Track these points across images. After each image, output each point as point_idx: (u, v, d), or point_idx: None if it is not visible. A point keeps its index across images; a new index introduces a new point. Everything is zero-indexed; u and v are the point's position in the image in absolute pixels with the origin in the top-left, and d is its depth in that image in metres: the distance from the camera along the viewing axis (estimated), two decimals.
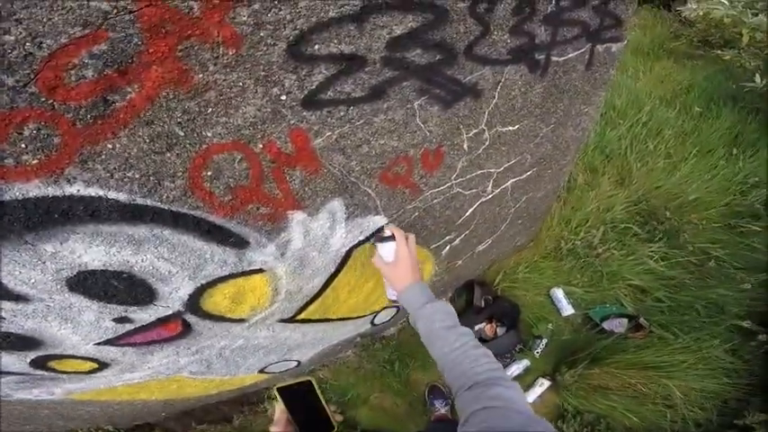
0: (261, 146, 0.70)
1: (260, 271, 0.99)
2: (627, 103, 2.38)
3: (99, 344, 0.94)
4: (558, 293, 2.09)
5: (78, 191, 0.58)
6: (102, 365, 1.06)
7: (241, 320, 1.17)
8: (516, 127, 1.13)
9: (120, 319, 0.90)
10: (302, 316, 1.38)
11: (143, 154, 0.59)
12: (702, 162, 2.23)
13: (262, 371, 1.76)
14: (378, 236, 0.96)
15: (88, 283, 0.75)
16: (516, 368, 1.94)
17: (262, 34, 0.56)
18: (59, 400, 1.22)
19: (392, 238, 0.95)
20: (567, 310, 2.06)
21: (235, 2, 0.50)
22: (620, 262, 2.08)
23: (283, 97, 0.66)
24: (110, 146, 0.55)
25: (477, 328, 2.04)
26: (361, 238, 1.13)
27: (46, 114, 0.47)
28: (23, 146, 0.49)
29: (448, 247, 1.56)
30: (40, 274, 0.68)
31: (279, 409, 0.76)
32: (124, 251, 0.72)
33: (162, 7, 0.46)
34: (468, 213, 1.42)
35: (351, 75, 0.70)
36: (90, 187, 0.58)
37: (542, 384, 1.89)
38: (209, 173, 0.68)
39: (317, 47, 0.62)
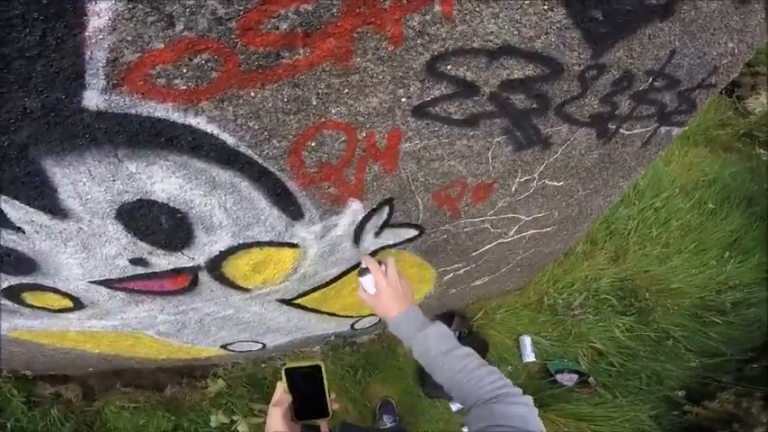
0: (364, 134, 0.76)
1: (294, 246, 1.02)
2: (649, 185, 2.59)
3: (95, 282, 0.94)
4: (527, 341, 2.27)
5: (198, 123, 0.61)
6: (78, 306, 1.05)
7: (246, 290, 1.19)
8: (561, 183, 1.24)
9: (137, 261, 0.91)
10: (300, 301, 1.41)
11: (273, 110, 0.63)
12: (695, 258, 2.51)
13: (224, 346, 1.75)
14: (359, 269, 0.95)
15: (138, 214, 0.77)
16: None
17: (418, 41, 0.62)
18: (5, 337, 1.18)
19: (368, 270, 0.93)
20: (530, 357, 2.24)
21: (415, 7, 0.57)
22: (589, 326, 2.31)
23: (403, 99, 0.72)
24: (252, 94, 0.59)
25: None
26: (390, 242, 1.18)
27: (224, 50, 0.51)
28: (184, 71, 0.53)
29: (452, 275, 1.64)
30: (101, 193, 0.69)
31: (281, 389, 0.78)
32: (197, 190, 0.74)
33: None
34: (483, 249, 1.51)
35: (460, 98, 0.77)
36: (210, 124, 0.62)
37: None
38: (312, 144, 0.73)
39: (449, 67, 0.69)
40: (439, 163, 0.93)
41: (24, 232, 0.73)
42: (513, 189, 1.17)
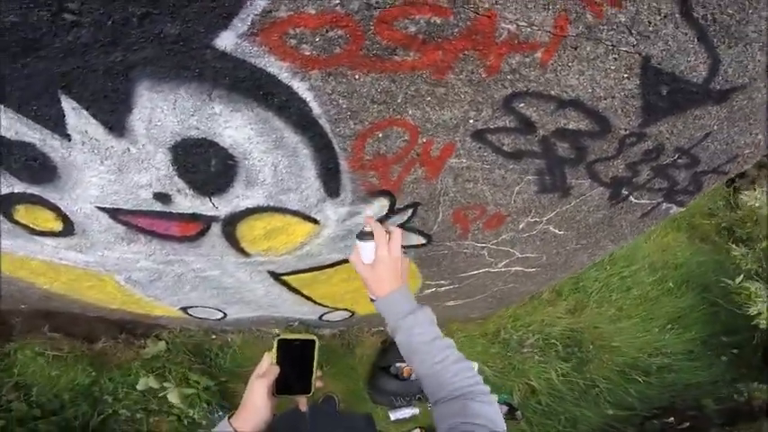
0: (424, 140, 0.83)
1: (315, 222, 1.07)
2: (623, 255, 2.89)
3: (103, 208, 0.95)
4: (474, 367, 2.39)
5: (298, 88, 0.67)
6: (66, 232, 1.04)
7: (245, 254, 1.22)
8: (561, 232, 1.36)
9: (162, 196, 0.93)
10: (288, 278, 1.45)
11: (365, 96, 0.70)
12: (641, 324, 2.84)
13: (185, 309, 1.74)
14: (361, 232, 0.89)
15: (194, 151, 0.80)
16: (406, 411, 2.20)
17: (508, 77, 0.71)
18: None
19: (371, 236, 0.87)
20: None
21: (521, 49, 0.65)
22: (532, 365, 2.53)
23: (471, 121, 0.80)
24: (356, 76, 0.65)
25: (397, 364, 2.20)
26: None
27: (357, 32, 0.58)
28: (316, 39, 0.59)
29: (433, 290, 1.73)
30: (173, 123, 0.73)
31: (267, 360, 0.76)
32: (261, 145, 0.79)
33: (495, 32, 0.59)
34: (471, 273, 1.61)
35: (517, 134, 0.87)
36: (308, 91, 0.68)
37: None
38: (379, 134, 0.79)
39: (522, 105, 0.79)
40: (472, 184, 1.02)
41: (69, 140, 0.75)
42: (521, 226, 1.28)
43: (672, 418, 2.49)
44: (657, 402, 2.69)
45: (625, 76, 0.71)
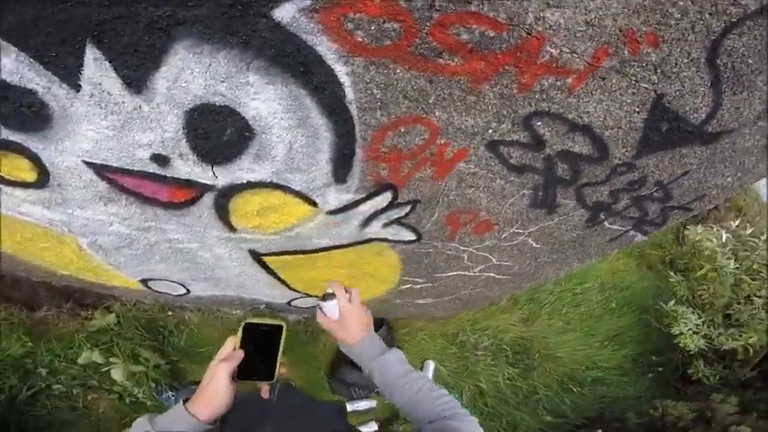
0: (443, 141, 0.87)
1: (313, 205, 1.07)
2: (579, 273, 3.12)
3: (90, 163, 0.91)
4: (431, 366, 2.53)
5: (339, 72, 0.69)
6: (39, 185, 0.98)
7: (232, 229, 1.20)
8: (538, 246, 1.46)
9: (160, 158, 0.91)
10: (268, 259, 1.43)
11: (399, 90, 0.73)
12: (584, 339, 3.08)
13: (145, 281, 1.67)
14: (323, 294, 0.97)
15: (212, 117, 0.79)
16: (364, 404, 2.24)
17: (536, 96, 0.76)
18: None
19: (334, 295, 0.95)
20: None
21: (556, 72, 0.70)
22: (483, 367, 2.67)
23: (490, 131, 0.85)
24: (397, 70, 0.68)
25: None
26: (389, 237, 1.28)
27: (412, 29, 0.60)
28: (371, 27, 0.61)
29: (409, 286, 1.78)
30: (199, 86, 0.72)
31: (231, 344, 0.75)
32: (284, 122, 0.80)
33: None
34: (448, 274, 1.67)
35: (526, 150, 0.93)
36: (347, 76, 0.70)
37: (371, 426, 2.22)
38: (402, 129, 0.82)
39: (539, 123, 0.84)
40: (473, 190, 1.07)
41: (78, 91, 0.72)
42: (504, 236, 1.36)
43: (599, 430, 2.75)
44: (588, 412, 2.94)
45: (636, 110, 0.78)
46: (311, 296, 1.83)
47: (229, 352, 0.74)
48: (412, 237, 1.30)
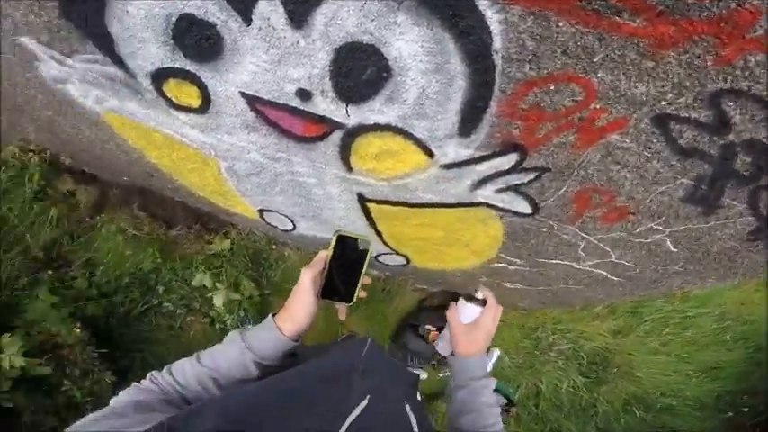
0: (598, 106, 0.76)
1: (430, 155, 1.05)
2: (700, 295, 2.72)
3: (246, 94, 1.00)
4: (495, 354, 2.43)
5: (490, 17, 0.64)
6: (203, 110, 1.10)
7: (349, 169, 1.24)
8: (674, 250, 1.26)
9: (303, 93, 0.95)
10: (372, 205, 1.46)
11: (557, 44, 0.66)
12: (674, 365, 2.76)
13: (262, 212, 1.81)
14: (468, 294, 0.94)
15: (356, 55, 0.80)
16: (417, 372, 2.27)
17: (735, 72, 0.63)
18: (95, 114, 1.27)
19: (483, 303, 0.93)
20: (487, 367, 2.45)
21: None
22: (550, 369, 2.52)
23: (663, 103, 0.73)
24: (560, 23, 0.60)
25: (426, 326, 2.21)
26: (500, 205, 1.21)
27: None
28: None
29: (503, 265, 1.69)
30: (351, 25, 0.73)
31: (323, 255, 0.78)
32: (421, 65, 0.78)
33: None
34: (552, 261, 1.55)
35: (704, 131, 0.78)
36: (499, 24, 0.65)
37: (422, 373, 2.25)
38: (551, 87, 0.73)
39: (731, 104, 0.70)
40: (618, 168, 0.94)
41: (249, 25, 0.78)
42: (638, 230, 1.19)
43: None
44: None
45: None
46: (399, 254, 1.86)
47: (317, 258, 0.78)
48: (527, 209, 1.21)
